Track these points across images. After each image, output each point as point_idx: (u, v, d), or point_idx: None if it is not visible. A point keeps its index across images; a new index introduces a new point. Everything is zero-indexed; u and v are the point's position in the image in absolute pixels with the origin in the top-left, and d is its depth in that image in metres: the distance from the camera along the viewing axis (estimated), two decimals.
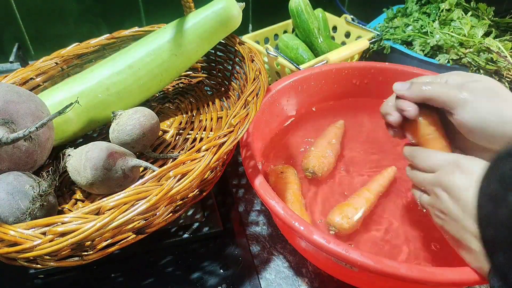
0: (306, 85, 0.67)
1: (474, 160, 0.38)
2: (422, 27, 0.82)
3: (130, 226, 0.40)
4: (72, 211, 0.47)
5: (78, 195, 0.53)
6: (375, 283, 0.44)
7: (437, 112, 0.44)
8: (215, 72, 0.74)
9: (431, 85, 0.41)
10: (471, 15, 0.80)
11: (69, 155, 0.50)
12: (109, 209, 0.38)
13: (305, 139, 0.67)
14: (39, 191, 0.42)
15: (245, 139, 0.54)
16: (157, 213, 0.43)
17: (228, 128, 0.45)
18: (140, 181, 0.42)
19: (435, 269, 0.37)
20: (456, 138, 0.44)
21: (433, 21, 0.82)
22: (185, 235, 0.54)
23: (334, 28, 0.93)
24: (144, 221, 0.42)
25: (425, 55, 0.78)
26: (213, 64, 0.74)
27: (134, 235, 0.43)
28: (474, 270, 0.37)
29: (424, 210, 0.44)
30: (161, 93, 0.74)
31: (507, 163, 0.19)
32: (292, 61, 0.72)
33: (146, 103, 0.67)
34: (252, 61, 0.58)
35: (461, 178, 0.37)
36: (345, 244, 0.39)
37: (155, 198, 0.38)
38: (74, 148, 0.50)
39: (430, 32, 0.80)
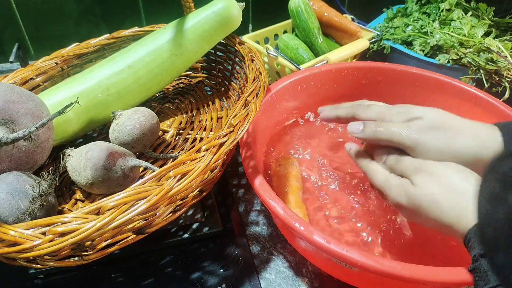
0: (306, 85, 0.67)
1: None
2: (422, 27, 0.82)
3: (130, 226, 0.40)
4: (72, 211, 0.47)
5: (78, 195, 0.53)
6: (375, 283, 0.44)
7: None
8: (215, 72, 0.74)
9: (382, 126, 0.44)
10: (471, 15, 0.80)
11: (69, 155, 0.50)
12: (109, 209, 0.38)
13: (305, 140, 0.67)
14: (39, 191, 0.42)
15: (245, 139, 0.54)
16: (157, 213, 0.43)
17: (228, 128, 0.45)
18: (140, 181, 0.42)
19: (435, 269, 0.37)
20: None
21: (433, 21, 0.82)
22: (185, 235, 0.54)
23: None
24: (144, 221, 0.42)
25: (425, 55, 0.78)
26: (213, 64, 0.74)
27: (134, 235, 0.43)
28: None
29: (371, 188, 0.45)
30: (161, 93, 0.74)
31: (507, 163, 0.19)
32: (292, 61, 0.72)
33: (146, 103, 0.67)
34: (252, 61, 0.58)
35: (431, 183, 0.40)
36: (345, 244, 0.39)
37: (155, 198, 0.38)
38: (74, 148, 0.50)
39: (430, 32, 0.80)
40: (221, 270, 0.51)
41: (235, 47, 0.65)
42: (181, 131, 0.63)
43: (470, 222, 0.35)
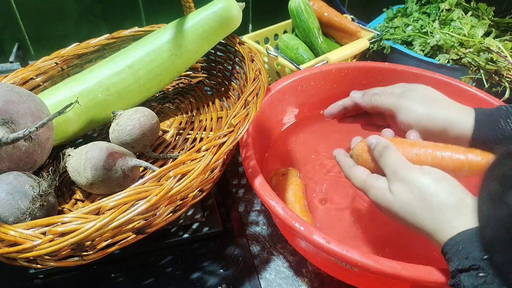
0: (306, 85, 0.67)
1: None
2: (422, 27, 0.82)
3: (130, 226, 0.40)
4: (72, 211, 0.47)
5: (78, 195, 0.53)
6: (375, 283, 0.44)
7: None
8: (215, 72, 0.74)
9: (378, 95, 0.51)
10: (471, 15, 0.80)
11: (69, 155, 0.50)
12: (109, 209, 0.38)
13: (305, 140, 0.67)
14: (39, 191, 0.42)
15: (245, 139, 0.54)
16: (157, 213, 0.43)
17: (228, 128, 0.45)
18: (140, 181, 0.42)
19: (435, 269, 0.37)
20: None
21: (433, 21, 0.82)
22: (185, 235, 0.54)
23: None
24: (144, 221, 0.42)
25: (425, 55, 0.78)
26: (213, 64, 0.74)
27: (134, 235, 0.43)
28: None
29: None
30: (161, 93, 0.74)
31: (507, 163, 0.19)
32: (292, 61, 0.72)
33: (146, 103, 0.67)
34: (252, 61, 0.58)
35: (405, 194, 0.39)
36: (345, 244, 0.39)
37: (155, 198, 0.38)
38: (74, 148, 0.50)
39: (430, 32, 0.80)
40: (221, 270, 0.51)
41: (235, 47, 0.65)
42: (181, 131, 0.63)
43: (446, 235, 0.35)
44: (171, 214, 0.45)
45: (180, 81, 0.77)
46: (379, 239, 0.52)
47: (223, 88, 0.71)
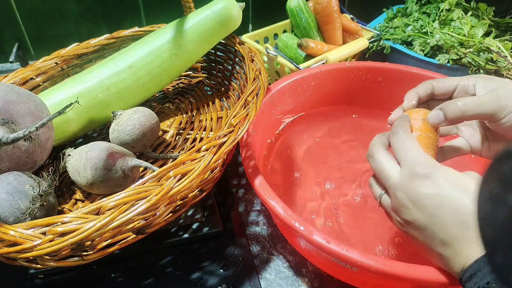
0: (306, 85, 0.67)
1: (440, 168, 0.36)
2: (422, 27, 0.82)
3: (130, 226, 0.40)
4: (72, 211, 0.47)
5: (78, 195, 0.53)
6: (375, 283, 0.44)
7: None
8: (215, 72, 0.74)
9: (461, 102, 0.40)
10: (471, 15, 0.80)
11: (69, 155, 0.50)
12: (109, 209, 0.38)
13: (305, 139, 0.67)
14: (39, 191, 0.42)
15: (245, 139, 0.54)
16: (157, 213, 0.43)
17: (228, 128, 0.45)
18: (140, 181, 0.42)
19: (436, 269, 0.37)
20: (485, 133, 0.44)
21: (433, 21, 0.82)
22: (185, 235, 0.54)
23: None
24: (144, 221, 0.42)
25: (425, 55, 0.78)
26: (213, 64, 0.74)
27: (134, 235, 0.43)
28: None
29: (380, 207, 0.41)
30: (161, 93, 0.74)
31: (507, 163, 0.19)
32: (292, 61, 0.72)
33: (146, 103, 0.67)
34: (252, 61, 0.58)
35: (422, 186, 0.35)
36: (345, 244, 0.39)
37: (155, 198, 0.38)
38: (74, 148, 0.50)
39: (430, 32, 0.80)
40: (221, 270, 0.51)
41: (235, 47, 0.65)
42: (181, 131, 0.63)
43: (456, 269, 0.34)
44: (171, 214, 0.45)
45: (180, 81, 0.77)
46: (380, 239, 0.52)
47: (223, 88, 0.71)
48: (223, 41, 0.67)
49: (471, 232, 0.33)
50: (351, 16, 0.89)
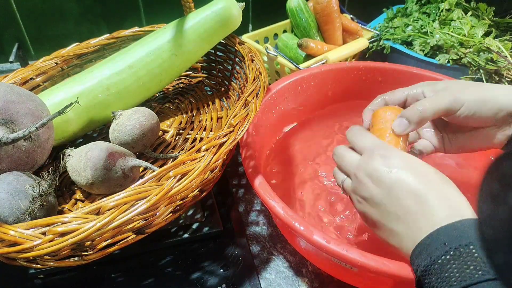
0: (306, 85, 0.67)
1: (391, 149, 0.39)
2: (422, 27, 0.82)
3: (130, 226, 0.40)
4: (72, 211, 0.47)
5: (78, 195, 0.53)
6: (375, 283, 0.44)
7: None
8: (215, 72, 0.74)
9: (422, 105, 0.43)
10: (471, 15, 0.80)
11: (69, 155, 0.50)
12: (109, 209, 0.38)
13: (305, 139, 0.67)
14: (39, 191, 0.42)
15: (245, 139, 0.54)
16: (157, 213, 0.43)
17: (228, 128, 0.45)
18: (140, 181, 0.42)
19: None
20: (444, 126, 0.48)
21: (433, 21, 0.82)
22: (185, 235, 0.54)
23: None
24: (144, 221, 0.42)
25: (425, 55, 0.78)
26: (213, 64, 0.74)
27: (134, 235, 0.43)
28: None
29: (346, 195, 0.43)
30: (161, 93, 0.74)
31: (507, 163, 0.19)
32: (292, 61, 0.72)
33: (146, 103, 0.67)
34: (252, 61, 0.58)
35: (381, 163, 0.37)
36: (345, 244, 0.39)
37: (155, 198, 0.38)
38: (74, 148, 0.50)
39: (430, 32, 0.80)
40: (221, 270, 0.51)
41: (235, 47, 0.65)
42: (181, 131, 0.63)
43: (408, 251, 0.35)
44: (171, 214, 0.45)
45: (180, 81, 0.77)
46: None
47: (223, 88, 0.71)
48: (223, 41, 0.67)
49: (426, 207, 0.34)
50: (351, 16, 0.89)
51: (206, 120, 0.64)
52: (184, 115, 0.66)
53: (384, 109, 0.45)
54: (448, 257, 0.31)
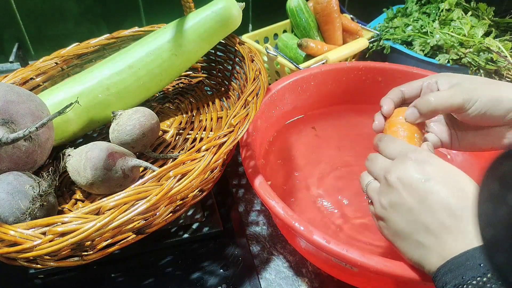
0: (306, 85, 0.67)
1: (430, 155, 0.38)
2: (422, 27, 0.82)
3: (130, 226, 0.40)
4: (72, 211, 0.47)
5: (78, 195, 0.53)
6: (375, 283, 0.44)
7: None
8: (215, 72, 0.74)
9: (434, 96, 0.42)
10: (471, 15, 0.80)
11: (69, 155, 0.50)
12: (109, 209, 0.38)
13: (305, 139, 0.67)
14: (39, 191, 0.42)
15: (245, 139, 0.54)
16: (157, 213, 0.43)
17: (228, 128, 0.45)
18: (140, 181, 0.42)
19: None
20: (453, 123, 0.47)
21: (433, 21, 0.82)
22: (185, 235, 0.54)
23: None
24: (144, 221, 0.42)
25: (425, 55, 0.78)
26: (213, 64, 0.74)
27: (134, 235, 0.43)
28: None
29: (366, 198, 0.41)
30: (161, 93, 0.74)
31: (507, 163, 0.19)
32: (292, 61, 0.72)
33: (146, 103, 0.67)
34: (252, 61, 0.58)
35: (415, 169, 0.36)
36: (345, 244, 0.39)
37: (155, 198, 0.38)
38: (74, 148, 0.50)
39: (430, 32, 0.80)
40: (221, 270, 0.51)
41: (235, 47, 0.65)
42: (181, 131, 0.63)
43: (432, 266, 0.33)
44: (171, 214, 0.45)
45: (180, 81, 0.77)
46: (380, 238, 0.52)
47: (223, 88, 0.71)
48: (223, 41, 0.67)
49: (461, 224, 0.32)
50: (351, 16, 0.89)
51: (206, 120, 0.64)
52: (184, 115, 0.66)
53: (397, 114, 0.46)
54: (484, 279, 0.29)
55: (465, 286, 0.29)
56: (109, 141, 0.53)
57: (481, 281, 0.29)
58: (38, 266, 0.40)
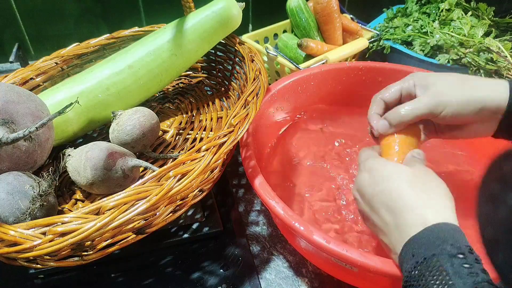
0: (306, 85, 0.67)
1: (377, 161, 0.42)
2: (422, 27, 0.82)
3: (130, 226, 0.40)
4: (72, 211, 0.47)
5: (78, 195, 0.53)
6: (375, 283, 0.44)
7: None
8: (215, 72, 0.74)
9: (405, 108, 0.44)
10: (471, 15, 0.80)
11: (69, 155, 0.50)
12: (109, 209, 0.38)
13: (305, 139, 0.67)
14: (39, 191, 0.42)
15: (245, 139, 0.54)
16: (157, 213, 0.43)
17: (228, 128, 0.45)
18: (140, 181, 0.42)
19: None
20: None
21: (433, 21, 0.82)
22: (185, 235, 0.54)
23: None
24: (144, 221, 0.42)
25: (425, 55, 0.78)
26: (213, 64, 0.74)
27: (134, 235, 0.43)
28: None
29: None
30: (161, 93, 0.74)
31: (507, 163, 0.19)
32: (292, 61, 0.72)
33: (146, 103, 0.67)
34: (252, 61, 0.58)
35: (364, 178, 0.41)
36: (345, 244, 0.39)
37: (155, 198, 0.38)
38: (74, 148, 0.50)
39: (430, 32, 0.80)
40: (221, 270, 0.51)
41: (235, 47, 0.65)
42: (181, 131, 0.63)
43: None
44: (171, 214, 0.45)
45: (180, 81, 0.77)
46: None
47: (223, 88, 0.71)
48: (223, 41, 0.67)
49: (400, 220, 0.36)
50: (351, 16, 0.89)
51: (206, 120, 0.64)
52: (184, 115, 0.66)
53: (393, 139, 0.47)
54: (416, 272, 0.32)
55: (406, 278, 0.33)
56: (109, 141, 0.53)
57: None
58: (38, 266, 0.40)
